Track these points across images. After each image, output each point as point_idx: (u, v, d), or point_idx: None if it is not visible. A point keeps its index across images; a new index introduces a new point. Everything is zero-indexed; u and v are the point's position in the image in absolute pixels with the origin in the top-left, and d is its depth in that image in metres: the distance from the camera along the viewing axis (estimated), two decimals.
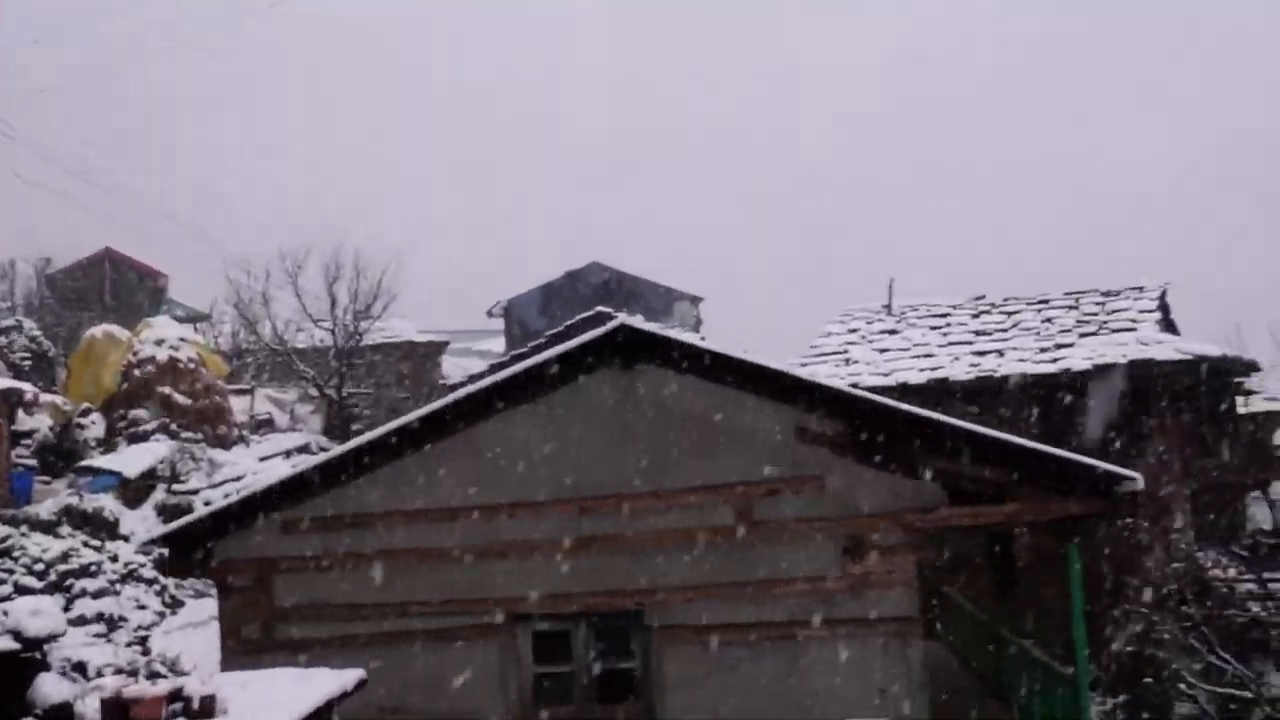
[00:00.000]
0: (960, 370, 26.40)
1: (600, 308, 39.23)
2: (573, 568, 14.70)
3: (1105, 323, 27.49)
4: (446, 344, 55.49)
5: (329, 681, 10.97)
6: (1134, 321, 27.30)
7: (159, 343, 38.48)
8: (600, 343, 14.68)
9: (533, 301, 51.09)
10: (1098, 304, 28.64)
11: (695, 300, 52.53)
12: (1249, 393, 30.46)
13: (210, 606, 20.41)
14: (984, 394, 25.97)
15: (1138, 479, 13.88)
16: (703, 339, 25.26)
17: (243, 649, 15.16)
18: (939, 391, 25.96)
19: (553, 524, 14.75)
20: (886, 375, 26.56)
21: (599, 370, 14.82)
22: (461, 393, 15.18)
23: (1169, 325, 29.36)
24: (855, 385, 23.04)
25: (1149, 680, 21.91)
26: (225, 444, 36.74)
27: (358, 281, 45.25)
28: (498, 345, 55.94)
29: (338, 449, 15.76)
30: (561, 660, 14.97)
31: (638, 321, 17.12)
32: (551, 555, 14.72)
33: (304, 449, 35.86)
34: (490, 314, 53.55)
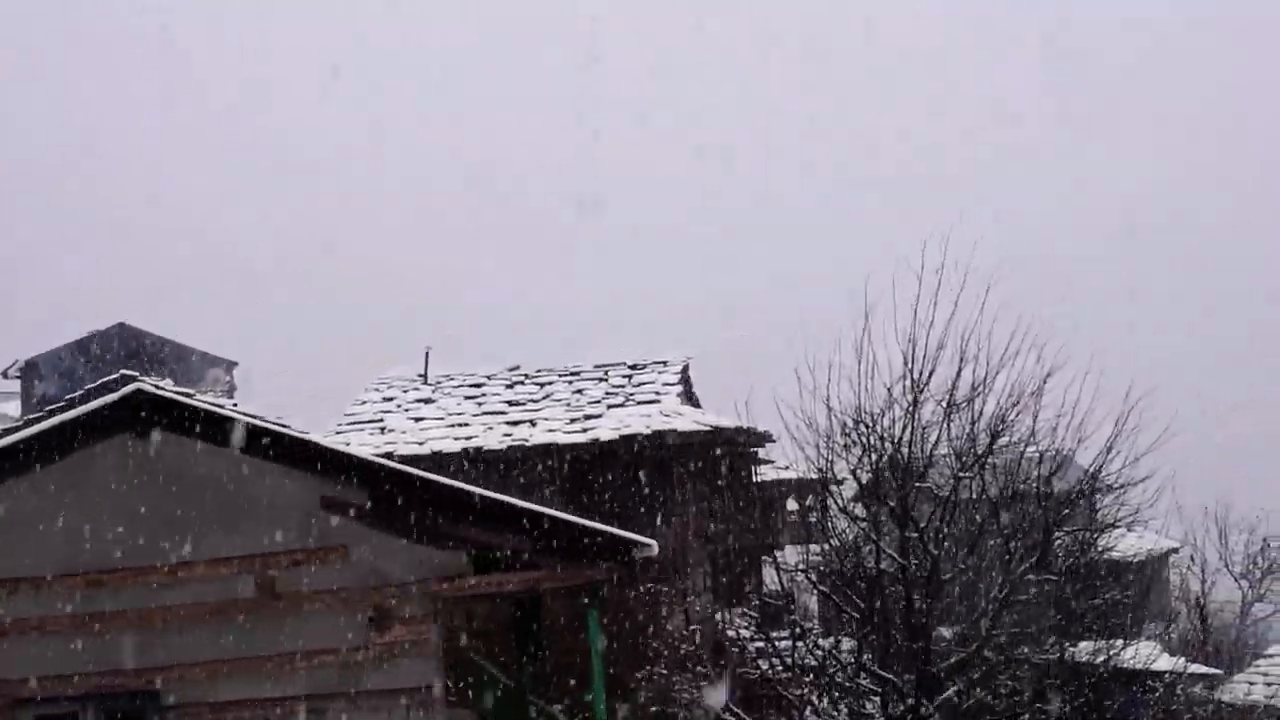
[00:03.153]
0: (494, 440, 26.88)
1: (125, 370, 37.40)
2: (80, 647, 13.88)
3: (632, 394, 28.69)
4: None
5: None
6: (658, 394, 28.62)
7: None
8: (114, 408, 14.01)
9: (55, 361, 48.13)
10: (625, 376, 29.83)
11: (230, 365, 50.97)
12: (763, 462, 32.30)
13: None
14: (517, 463, 26.53)
15: (652, 545, 14.51)
16: (234, 405, 24.56)
17: None
18: (473, 461, 26.33)
19: (58, 600, 13.92)
20: (421, 444, 26.72)
21: (113, 436, 14.14)
22: None
23: (690, 398, 30.94)
24: (390, 454, 23.05)
25: None
26: None
27: None
28: (15, 409, 52.36)
29: None
30: None
31: (162, 386, 16.51)
32: (56, 634, 13.89)
33: None
34: (6, 374, 50.15)
